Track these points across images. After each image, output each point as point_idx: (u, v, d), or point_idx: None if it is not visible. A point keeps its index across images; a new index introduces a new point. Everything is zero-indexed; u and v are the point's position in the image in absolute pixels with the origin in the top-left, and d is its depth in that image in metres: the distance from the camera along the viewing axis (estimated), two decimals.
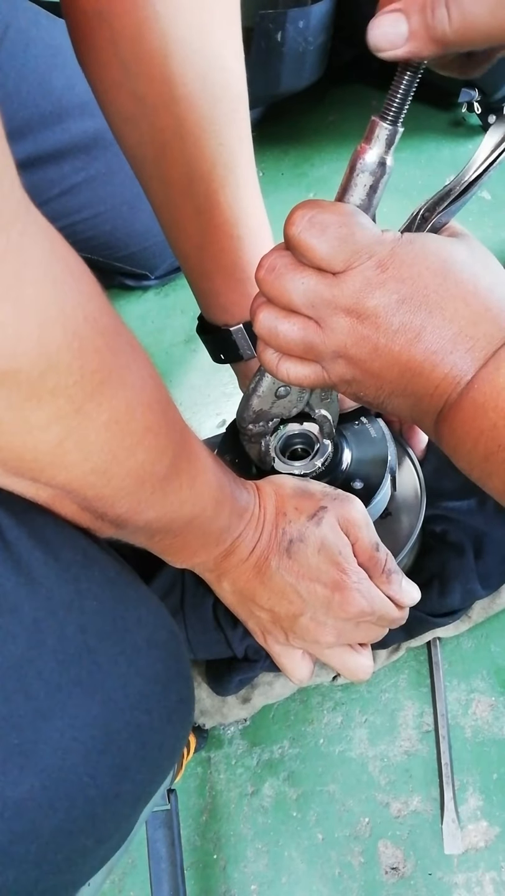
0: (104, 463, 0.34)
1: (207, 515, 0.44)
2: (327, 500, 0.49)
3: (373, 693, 0.70)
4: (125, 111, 0.53)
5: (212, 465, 0.45)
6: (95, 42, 0.51)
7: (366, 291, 0.36)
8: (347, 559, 0.47)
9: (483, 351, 0.36)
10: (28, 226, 0.27)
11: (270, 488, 0.50)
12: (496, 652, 0.70)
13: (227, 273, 0.59)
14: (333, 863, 0.63)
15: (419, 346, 0.36)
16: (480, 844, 0.62)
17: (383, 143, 0.37)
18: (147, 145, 0.54)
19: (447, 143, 1.19)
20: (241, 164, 0.56)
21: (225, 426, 0.78)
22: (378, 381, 0.39)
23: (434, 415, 0.38)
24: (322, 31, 1.07)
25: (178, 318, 1.05)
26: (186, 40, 0.50)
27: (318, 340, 0.39)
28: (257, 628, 0.52)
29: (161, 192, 0.57)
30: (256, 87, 1.10)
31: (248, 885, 0.64)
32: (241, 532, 0.48)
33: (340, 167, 1.17)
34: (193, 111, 0.52)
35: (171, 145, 0.53)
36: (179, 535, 0.44)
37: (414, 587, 0.51)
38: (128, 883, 0.66)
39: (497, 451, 0.35)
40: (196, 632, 0.65)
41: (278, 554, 0.48)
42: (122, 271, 1.05)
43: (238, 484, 0.48)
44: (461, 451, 0.37)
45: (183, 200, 0.56)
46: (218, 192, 0.55)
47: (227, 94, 0.54)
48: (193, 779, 0.69)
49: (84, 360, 0.30)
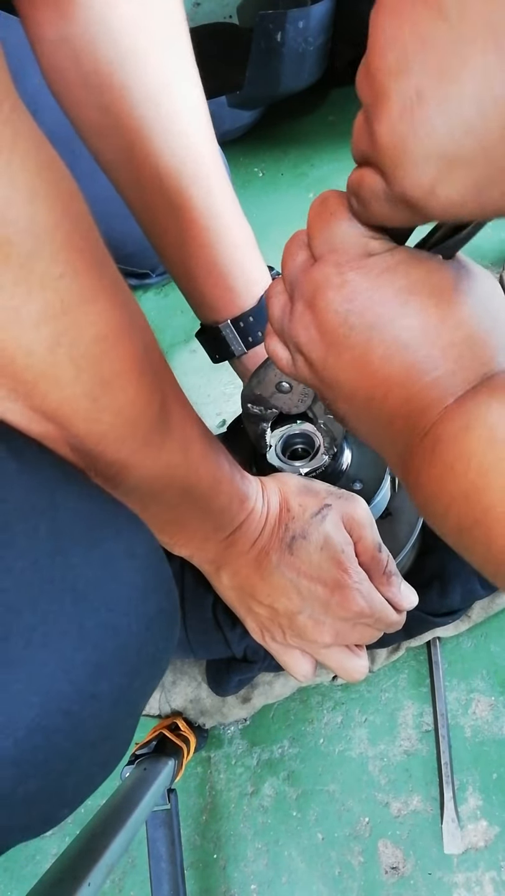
0: (95, 387, 0.34)
1: (203, 490, 0.44)
2: (332, 498, 0.49)
3: (373, 693, 0.70)
4: (93, 124, 0.56)
5: (208, 439, 0.45)
6: (60, 64, 0.54)
7: (323, 288, 0.33)
8: (349, 558, 0.47)
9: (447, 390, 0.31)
10: (18, 111, 0.29)
11: (275, 484, 0.50)
12: (496, 652, 0.70)
13: (209, 270, 0.59)
14: (333, 862, 0.64)
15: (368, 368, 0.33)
16: (479, 844, 0.62)
17: None
18: (117, 151, 0.56)
19: None
20: (209, 161, 0.57)
21: (225, 426, 0.78)
22: (333, 393, 0.36)
23: (396, 456, 0.34)
24: (322, 32, 1.07)
25: (178, 319, 1.05)
26: (138, 48, 0.54)
27: (285, 324, 0.37)
28: (256, 625, 0.52)
29: (136, 196, 0.59)
30: (255, 87, 1.11)
31: (248, 884, 0.64)
32: (242, 521, 0.48)
33: (340, 167, 1.17)
34: (154, 111, 0.55)
35: (138, 147, 0.55)
36: (175, 508, 0.44)
37: (412, 591, 0.51)
38: (128, 882, 0.66)
39: (472, 527, 0.29)
40: (196, 632, 0.65)
41: (280, 549, 0.48)
42: (124, 272, 1.05)
43: (240, 470, 0.49)
44: (430, 512, 0.32)
45: (156, 201, 0.57)
46: (189, 188, 0.56)
47: (185, 92, 0.56)
48: (193, 778, 0.69)
49: (69, 255, 0.31)
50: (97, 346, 0.34)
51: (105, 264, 0.36)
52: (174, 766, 0.62)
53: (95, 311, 0.33)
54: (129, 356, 0.36)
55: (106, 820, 0.50)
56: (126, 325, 0.36)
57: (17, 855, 0.69)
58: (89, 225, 0.35)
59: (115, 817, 0.50)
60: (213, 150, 0.59)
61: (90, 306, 0.33)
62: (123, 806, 0.52)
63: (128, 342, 0.36)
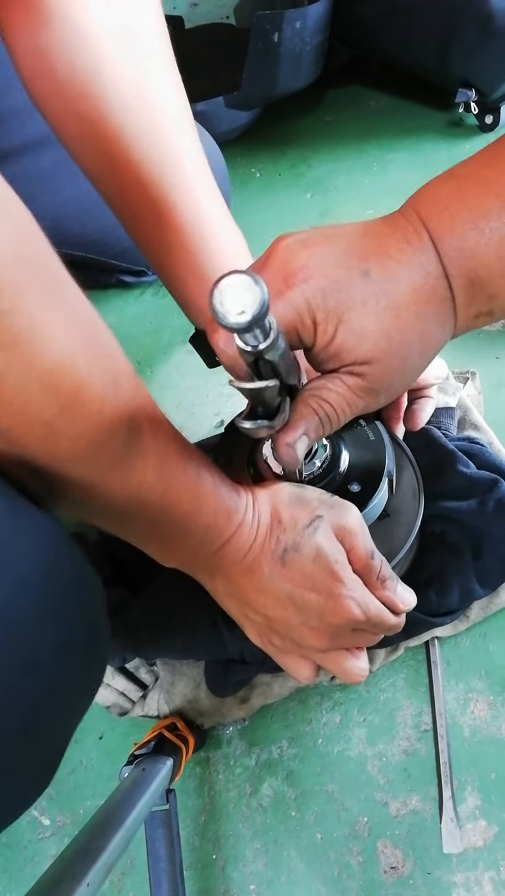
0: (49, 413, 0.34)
1: (184, 508, 0.44)
2: (323, 508, 0.48)
3: (371, 693, 0.70)
4: (73, 132, 0.56)
5: (187, 455, 0.44)
6: (37, 72, 0.54)
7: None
8: (343, 567, 0.47)
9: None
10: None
11: (266, 495, 0.49)
12: (495, 651, 0.70)
13: (196, 276, 0.59)
14: (332, 862, 0.64)
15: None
16: (478, 843, 0.62)
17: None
18: (97, 159, 0.56)
19: (444, 143, 1.19)
20: (191, 167, 0.57)
21: (223, 427, 0.78)
22: None
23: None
24: (319, 32, 1.07)
25: (176, 320, 1.05)
26: (114, 56, 0.54)
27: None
28: (254, 631, 0.52)
29: (120, 204, 0.59)
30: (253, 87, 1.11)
31: (247, 884, 0.64)
32: (231, 535, 0.47)
33: (336, 168, 1.18)
34: (133, 119, 0.55)
35: (118, 155, 0.55)
36: (156, 526, 0.44)
37: (410, 593, 0.51)
38: (127, 883, 0.66)
39: None
40: (194, 632, 0.65)
41: (272, 562, 0.47)
42: (120, 268, 1.05)
43: (227, 484, 0.48)
44: None
45: (140, 208, 0.57)
46: (171, 193, 0.56)
47: (163, 98, 0.56)
48: (192, 779, 0.69)
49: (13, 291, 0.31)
50: (50, 376, 0.33)
51: (59, 289, 0.35)
52: (173, 767, 0.62)
53: (47, 340, 0.33)
54: (88, 382, 0.35)
55: (105, 820, 0.50)
56: (83, 350, 0.35)
57: (16, 856, 0.69)
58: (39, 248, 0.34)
59: (114, 817, 0.50)
60: (198, 155, 0.58)
61: (41, 337, 0.33)
62: (122, 806, 0.52)
63: (85, 367, 0.35)
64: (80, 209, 0.91)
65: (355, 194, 1.14)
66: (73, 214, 0.91)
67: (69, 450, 0.36)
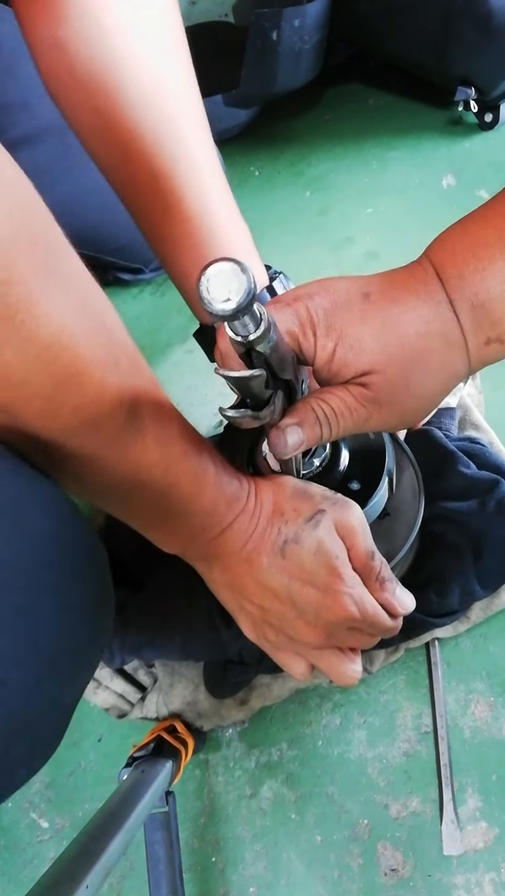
0: (49, 387, 0.35)
1: (185, 491, 0.44)
2: (326, 503, 0.48)
3: (372, 694, 0.70)
4: (88, 125, 0.57)
5: (190, 439, 0.45)
6: (55, 66, 0.55)
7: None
8: (343, 564, 0.47)
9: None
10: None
11: (269, 486, 0.50)
12: (495, 652, 0.70)
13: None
14: (332, 865, 0.63)
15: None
16: (479, 845, 0.62)
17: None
18: (111, 151, 0.57)
19: (444, 141, 1.18)
20: (204, 162, 0.58)
21: (223, 426, 0.78)
22: None
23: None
24: (318, 30, 1.07)
25: (175, 319, 1.05)
26: (132, 51, 0.54)
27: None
28: (248, 623, 0.52)
29: (131, 196, 0.59)
30: (251, 85, 1.11)
31: (247, 887, 0.64)
32: (231, 522, 0.47)
33: (336, 166, 1.17)
34: (148, 113, 0.55)
35: (132, 147, 0.55)
36: (156, 507, 0.44)
37: (409, 596, 0.51)
38: (126, 886, 0.66)
39: None
40: (193, 631, 0.65)
41: (272, 553, 0.47)
42: (116, 266, 1.05)
43: (229, 471, 0.48)
44: None
45: (151, 200, 0.57)
46: (183, 187, 0.57)
47: (178, 92, 0.57)
48: (192, 781, 0.69)
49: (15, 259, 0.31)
50: (48, 351, 0.34)
51: (60, 264, 0.36)
52: (172, 769, 0.62)
53: (45, 313, 0.33)
54: (88, 357, 0.36)
55: (104, 822, 0.50)
56: (82, 327, 0.36)
57: (15, 859, 0.69)
58: (39, 223, 0.34)
59: (113, 820, 0.50)
60: (209, 151, 0.58)
61: (38, 309, 0.33)
62: (121, 808, 0.52)
63: (85, 343, 0.36)
64: (75, 205, 0.90)
65: (354, 192, 1.14)
66: (69, 210, 0.90)
67: (68, 424, 0.37)
